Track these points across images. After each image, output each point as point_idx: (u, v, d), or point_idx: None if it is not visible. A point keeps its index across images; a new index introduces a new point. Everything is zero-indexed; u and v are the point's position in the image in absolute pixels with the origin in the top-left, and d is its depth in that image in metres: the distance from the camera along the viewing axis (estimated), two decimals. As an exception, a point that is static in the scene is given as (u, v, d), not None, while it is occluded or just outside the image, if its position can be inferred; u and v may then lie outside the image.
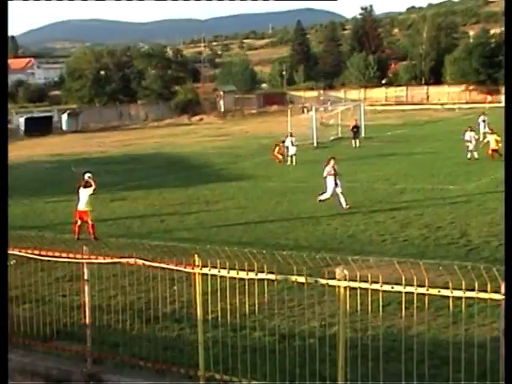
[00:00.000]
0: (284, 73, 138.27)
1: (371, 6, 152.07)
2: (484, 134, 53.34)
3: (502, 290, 9.38)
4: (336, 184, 29.73)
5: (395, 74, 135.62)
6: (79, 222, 25.89)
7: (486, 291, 9.49)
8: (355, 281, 10.24)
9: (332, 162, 30.39)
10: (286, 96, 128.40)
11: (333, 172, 29.99)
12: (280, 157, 47.10)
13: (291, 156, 46.78)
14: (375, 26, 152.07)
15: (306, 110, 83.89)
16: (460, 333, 11.27)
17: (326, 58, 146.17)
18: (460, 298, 9.81)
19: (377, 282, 10.15)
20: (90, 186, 26.26)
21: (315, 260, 14.90)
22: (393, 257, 19.61)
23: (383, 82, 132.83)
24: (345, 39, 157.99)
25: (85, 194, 26.21)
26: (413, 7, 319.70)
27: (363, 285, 10.24)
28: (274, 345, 11.85)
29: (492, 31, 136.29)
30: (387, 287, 10.14)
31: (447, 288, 9.75)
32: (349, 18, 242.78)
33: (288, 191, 34.74)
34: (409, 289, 9.98)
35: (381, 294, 10.41)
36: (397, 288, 10.10)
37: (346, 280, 10.28)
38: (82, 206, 26.10)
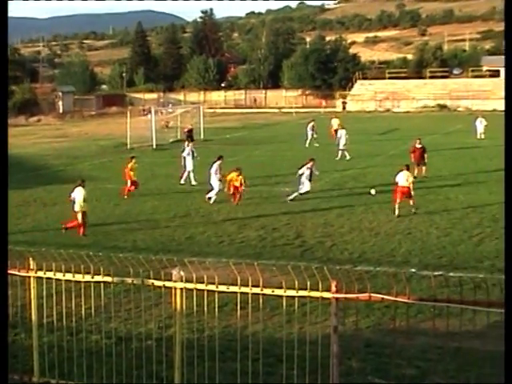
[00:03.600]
0: (124, 74, 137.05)
1: (211, 10, 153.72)
2: (311, 140, 54.60)
3: (333, 288, 9.74)
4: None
5: (234, 78, 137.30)
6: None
7: (317, 290, 9.81)
8: (191, 282, 10.35)
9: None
10: (125, 98, 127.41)
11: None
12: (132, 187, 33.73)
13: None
14: (215, 29, 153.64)
15: (145, 112, 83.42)
16: (294, 331, 11.59)
17: (167, 61, 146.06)
18: (293, 297, 10.10)
19: (213, 283, 10.30)
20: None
21: (152, 262, 14.93)
22: (230, 258, 19.89)
23: (223, 85, 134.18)
24: (185, 42, 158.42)
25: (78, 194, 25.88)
26: (252, 12, 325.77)
27: (199, 286, 10.36)
28: (110, 347, 11.79)
29: (327, 38, 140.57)
30: (223, 288, 10.31)
31: (281, 288, 10.02)
32: (189, 20, 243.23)
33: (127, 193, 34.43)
34: (244, 289, 10.19)
35: (217, 295, 10.58)
36: (232, 288, 10.29)
37: (182, 281, 10.38)
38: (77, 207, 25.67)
